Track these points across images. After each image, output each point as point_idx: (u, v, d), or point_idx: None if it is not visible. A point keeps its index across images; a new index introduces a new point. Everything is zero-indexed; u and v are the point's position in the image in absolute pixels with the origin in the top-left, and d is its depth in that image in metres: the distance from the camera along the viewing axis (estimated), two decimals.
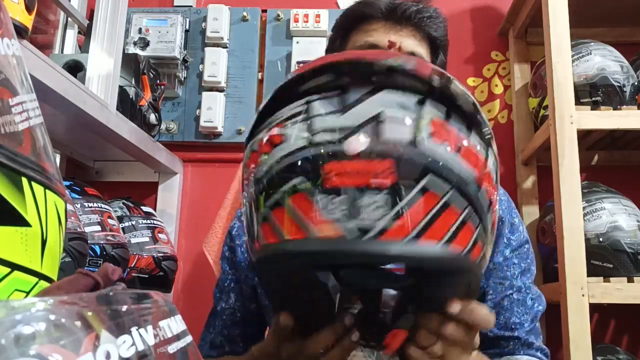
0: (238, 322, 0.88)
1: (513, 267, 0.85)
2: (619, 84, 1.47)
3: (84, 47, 1.48)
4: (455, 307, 0.51)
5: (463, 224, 0.47)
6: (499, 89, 1.84)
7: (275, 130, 0.48)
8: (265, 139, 0.48)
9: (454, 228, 0.47)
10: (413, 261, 0.46)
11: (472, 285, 0.54)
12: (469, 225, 0.48)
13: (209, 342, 0.89)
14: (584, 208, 1.37)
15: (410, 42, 0.88)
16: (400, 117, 0.47)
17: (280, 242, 0.47)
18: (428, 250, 0.46)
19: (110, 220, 1.27)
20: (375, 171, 0.45)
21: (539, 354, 0.84)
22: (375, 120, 0.46)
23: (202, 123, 1.75)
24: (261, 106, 0.54)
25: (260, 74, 1.83)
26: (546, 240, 1.51)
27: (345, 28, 0.94)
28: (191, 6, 1.89)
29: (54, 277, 0.40)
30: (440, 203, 0.46)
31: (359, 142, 0.46)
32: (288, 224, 0.46)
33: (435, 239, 0.46)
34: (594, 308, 1.43)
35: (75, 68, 1.35)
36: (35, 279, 0.38)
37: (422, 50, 0.90)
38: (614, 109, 1.43)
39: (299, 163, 0.46)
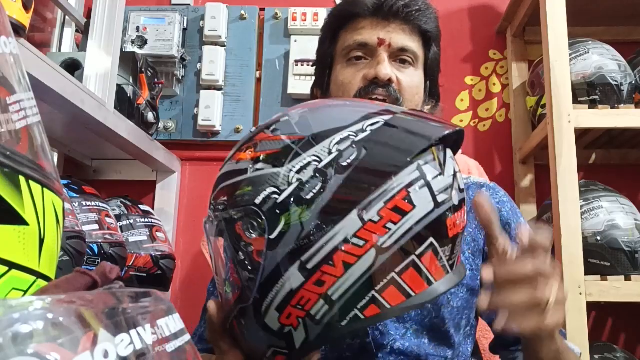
0: None
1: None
2: (616, 83, 1.47)
3: (81, 45, 1.48)
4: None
5: None
6: (497, 88, 1.84)
7: (398, 199, 0.52)
8: (389, 208, 0.52)
9: None
10: None
11: None
12: None
13: (199, 335, 0.90)
14: (581, 207, 1.38)
15: (400, 38, 0.88)
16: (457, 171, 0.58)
17: (414, 296, 0.54)
18: None
19: (108, 219, 1.27)
20: (464, 217, 0.58)
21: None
22: (454, 176, 0.57)
23: (200, 122, 1.75)
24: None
25: (258, 72, 1.83)
26: None
27: (334, 28, 0.94)
28: (189, 4, 1.89)
29: (52, 275, 0.40)
30: None
31: (459, 195, 0.56)
32: (417, 281, 0.53)
33: None
34: (592, 306, 1.43)
35: (73, 66, 1.35)
36: (33, 278, 0.38)
37: (413, 44, 0.90)
38: (611, 108, 1.44)
39: (431, 224, 0.53)
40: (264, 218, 0.53)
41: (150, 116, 1.55)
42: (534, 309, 0.56)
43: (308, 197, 0.52)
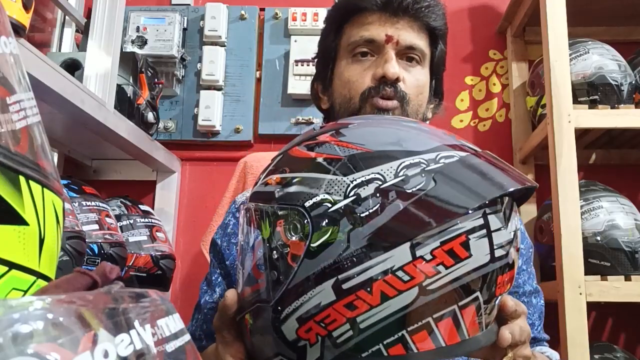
0: None
1: (524, 275, 0.87)
2: (616, 83, 1.47)
3: (81, 45, 1.48)
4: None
5: None
6: (497, 88, 1.84)
7: (456, 243, 0.49)
8: (445, 250, 0.49)
9: None
10: None
11: None
12: None
13: (189, 333, 0.89)
14: (581, 207, 1.38)
15: (409, 35, 0.86)
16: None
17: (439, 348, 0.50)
18: None
19: (108, 219, 1.27)
20: (512, 278, 0.55)
21: (545, 343, 0.88)
22: (515, 233, 0.53)
23: (200, 122, 1.75)
24: None
25: (258, 72, 1.83)
26: (544, 239, 1.51)
27: (339, 21, 0.90)
28: (189, 4, 1.89)
29: (52, 275, 0.40)
30: None
31: (514, 254, 0.53)
32: (450, 332, 0.50)
33: None
34: (592, 306, 1.43)
35: (73, 66, 1.35)
36: (33, 278, 0.38)
37: (421, 42, 0.87)
38: (611, 108, 1.44)
39: (482, 278, 0.50)
40: (309, 223, 0.50)
41: (150, 116, 1.56)
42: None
43: (362, 215, 0.48)
